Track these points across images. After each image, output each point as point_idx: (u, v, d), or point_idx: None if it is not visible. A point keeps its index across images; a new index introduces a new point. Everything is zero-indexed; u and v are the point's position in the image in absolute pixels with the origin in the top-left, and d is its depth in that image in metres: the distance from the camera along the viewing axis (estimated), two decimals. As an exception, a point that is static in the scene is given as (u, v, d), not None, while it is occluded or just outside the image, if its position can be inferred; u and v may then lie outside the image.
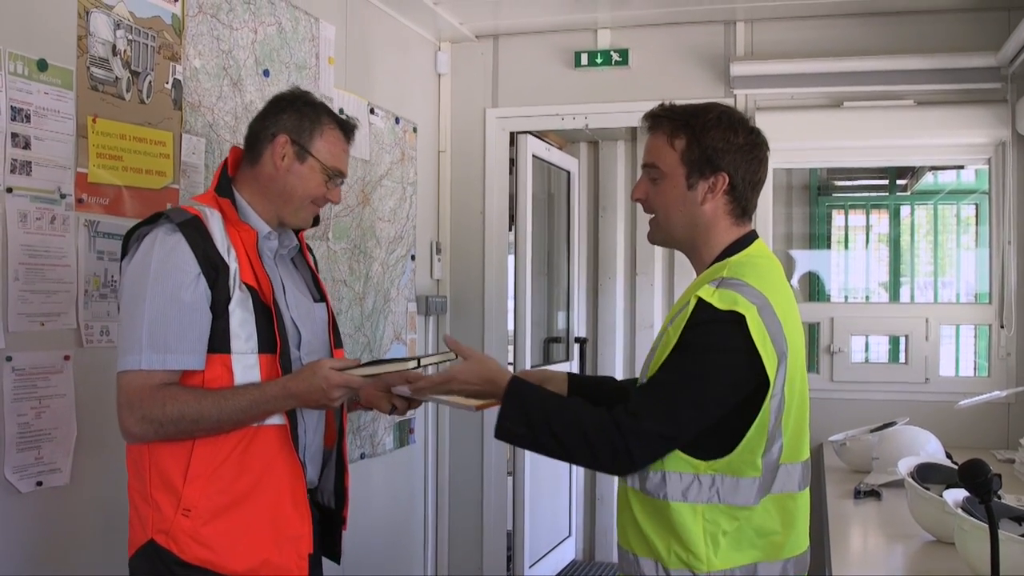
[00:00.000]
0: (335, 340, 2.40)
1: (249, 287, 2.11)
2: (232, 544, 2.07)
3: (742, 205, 2.07)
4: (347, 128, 2.32)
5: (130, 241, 2.12)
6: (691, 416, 1.91)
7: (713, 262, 2.06)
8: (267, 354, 2.12)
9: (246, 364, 2.09)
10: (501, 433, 2.04)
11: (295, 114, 2.25)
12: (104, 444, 2.49)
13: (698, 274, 2.10)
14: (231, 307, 2.07)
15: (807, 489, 2.06)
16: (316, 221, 2.38)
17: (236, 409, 2.04)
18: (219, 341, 2.07)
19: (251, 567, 2.09)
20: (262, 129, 2.25)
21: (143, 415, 2.01)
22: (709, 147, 2.02)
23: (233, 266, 2.09)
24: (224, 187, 2.22)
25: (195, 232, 2.07)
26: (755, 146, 2.06)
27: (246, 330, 2.09)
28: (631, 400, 1.97)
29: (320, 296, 2.41)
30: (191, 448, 2.05)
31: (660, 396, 1.93)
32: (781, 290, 2.01)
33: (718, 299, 1.89)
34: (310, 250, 2.49)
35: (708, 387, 1.91)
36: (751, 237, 2.09)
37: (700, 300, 1.91)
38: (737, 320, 1.88)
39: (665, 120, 2.07)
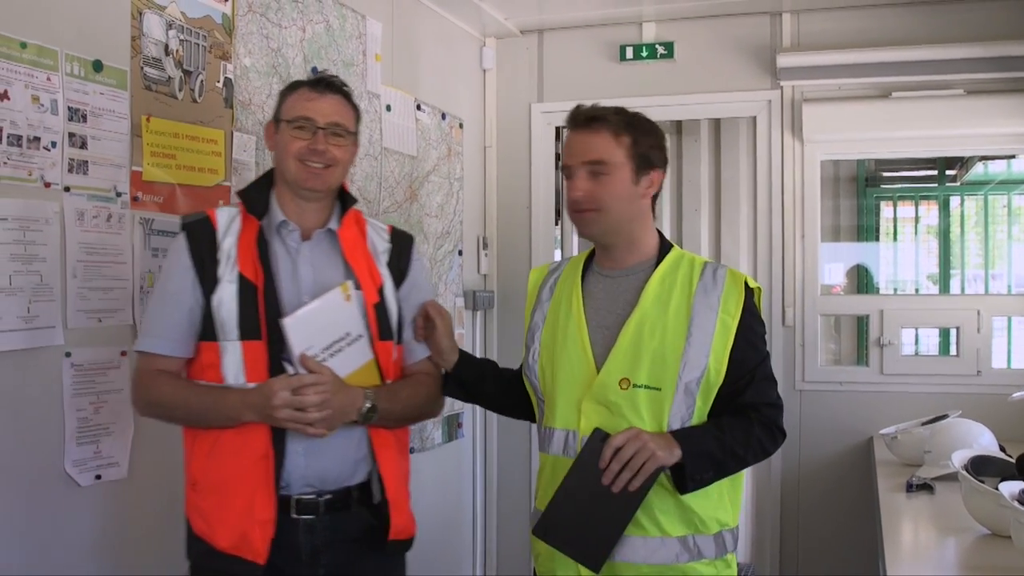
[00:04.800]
0: (380, 330, 2.29)
1: (242, 276, 2.18)
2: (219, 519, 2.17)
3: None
4: (312, 80, 2.33)
5: None
6: None
7: (661, 253, 2.29)
8: (251, 340, 2.16)
9: (231, 350, 2.16)
10: (692, 487, 2.15)
11: (279, 99, 2.35)
12: (161, 438, 2.51)
13: (623, 265, 2.29)
14: (216, 296, 2.17)
15: None
16: (351, 199, 2.37)
17: (200, 405, 2.18)
18: (208, 329, 2.18)
19: (233, 543, 2.14)
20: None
21: (137, 396, 2.29)
22: (648, 145, 2.23)
23: (227, 258, 2.19)
24: (251, 184, 2.36)
25: (196, 230, 2.23)
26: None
27: (230, 318, 2.16)
28: (758, 397, 2.21)
29: (356, 284, 2.27)
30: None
31: (773, 384, 2.25)
32: None
33: (750, 280, 2.23)
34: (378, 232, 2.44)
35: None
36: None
37: (747, 286, 2.22)
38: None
39: (611, 117, 2.22)
